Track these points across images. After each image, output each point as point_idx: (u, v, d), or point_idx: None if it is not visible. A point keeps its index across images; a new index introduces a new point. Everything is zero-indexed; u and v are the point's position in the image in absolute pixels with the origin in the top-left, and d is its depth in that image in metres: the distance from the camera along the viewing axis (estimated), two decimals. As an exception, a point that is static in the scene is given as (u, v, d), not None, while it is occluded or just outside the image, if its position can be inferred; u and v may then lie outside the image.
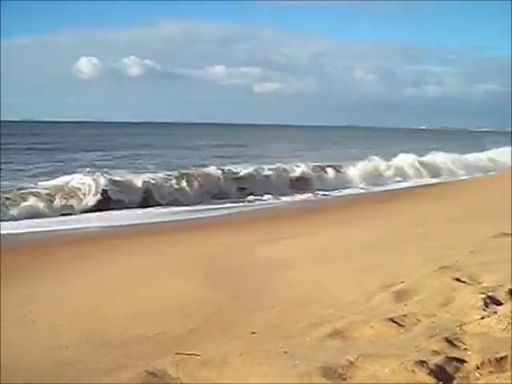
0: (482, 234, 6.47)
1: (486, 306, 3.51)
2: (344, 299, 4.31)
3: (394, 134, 73.41)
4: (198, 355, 3.25)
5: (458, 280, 4.23)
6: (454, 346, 3.02)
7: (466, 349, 2.98)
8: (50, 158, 25.07)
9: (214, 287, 5.23)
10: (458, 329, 3.24)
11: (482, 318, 3.33)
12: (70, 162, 22.63)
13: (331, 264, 5.97)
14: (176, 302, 4.78)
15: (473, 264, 4.82)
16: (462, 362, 2.81)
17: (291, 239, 7.88)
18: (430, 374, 2.66)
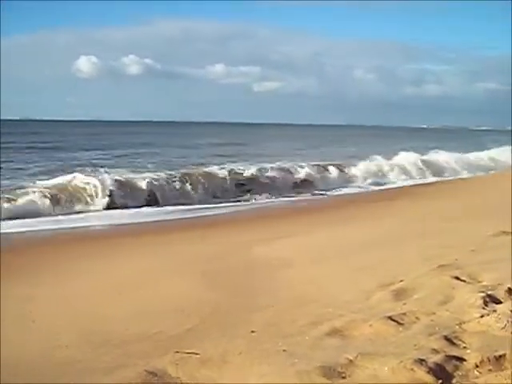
0: (481, 233, 6.46)
1: (486, 305, 3.51)
2: (343, 298, 4.31)
3: (395, 133, 73.26)
4: (197, 354, 3.25)
5: (457, 278, 4.22)
6: (454, 344, 3.01)
7: (465, 347, 2.98)
8: (50, 157, 25.03)
9: (213, 286, 5.24)
10: (457, 327, 3.24)
11: (482, 317, 3.33)
12: (69, 161, 22.56)
13: (330, 263, 5.97)
14: (175, 302, 4.78)
15: (472, 263, 4.81)
16: (462, 360, 2.81)
17: (289, 238, 7.87)
18: (429, 373, 2.66)
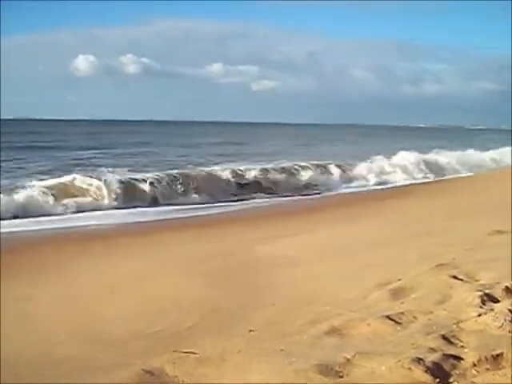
0: (479, 232, 6.48)
1: (483, 304, 3.52)
2: (341, 297, 4.31)
3: (393, 132, 73.33)
4: (195, 353, 3.26)
5: (454, 277, 4.23)
6: (451, 343, 3.02)
7: (462, 346, 2.99)
8: (51, 156, 24.96)
9: (215, 285, 5.24)
10: (454, 326, 3.24)
11: (479, 316, 3.33)
12: (70, 161, 22.54)
13: (333, 261, 5.99)
14: (175, 300, 4.78)
15: (470, 261, 4.82)
16: (459, 359, 2.81)
17: (293, 237, 7.89)
18: (426, 372, 2.66)
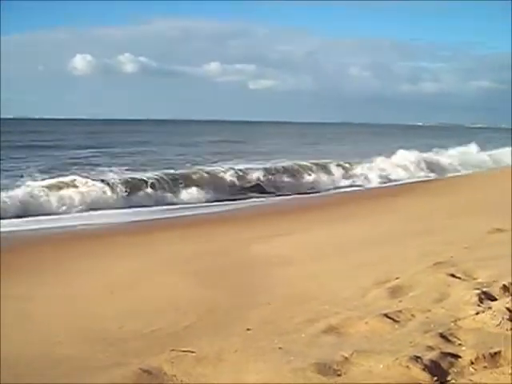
0: (478, 230, 6.48)
1: (481, 302, 3.52)
2: (339, 295, 4.31)
3: (391, 131, 73.32)
4: (193, 352, 3.25)
5: (452, 276, 4.23)
6: (449, 341, 3.02)
7: (460, 344, 2.98)
8: (50, 156, 24.95)
9: (209, 284, 5.24)
10: (452, 324, 3.25)
11: (477, 314, 3.33)
12: (69, 160, 22.55)
13: (327, 260, 5.98)
14: (171, 300, 4.78)
15: (469, 259, 4.83)
16: (457, 357, 2.81)
17: (288, 236, 7.88)
18: (424, 370, 2.66)
